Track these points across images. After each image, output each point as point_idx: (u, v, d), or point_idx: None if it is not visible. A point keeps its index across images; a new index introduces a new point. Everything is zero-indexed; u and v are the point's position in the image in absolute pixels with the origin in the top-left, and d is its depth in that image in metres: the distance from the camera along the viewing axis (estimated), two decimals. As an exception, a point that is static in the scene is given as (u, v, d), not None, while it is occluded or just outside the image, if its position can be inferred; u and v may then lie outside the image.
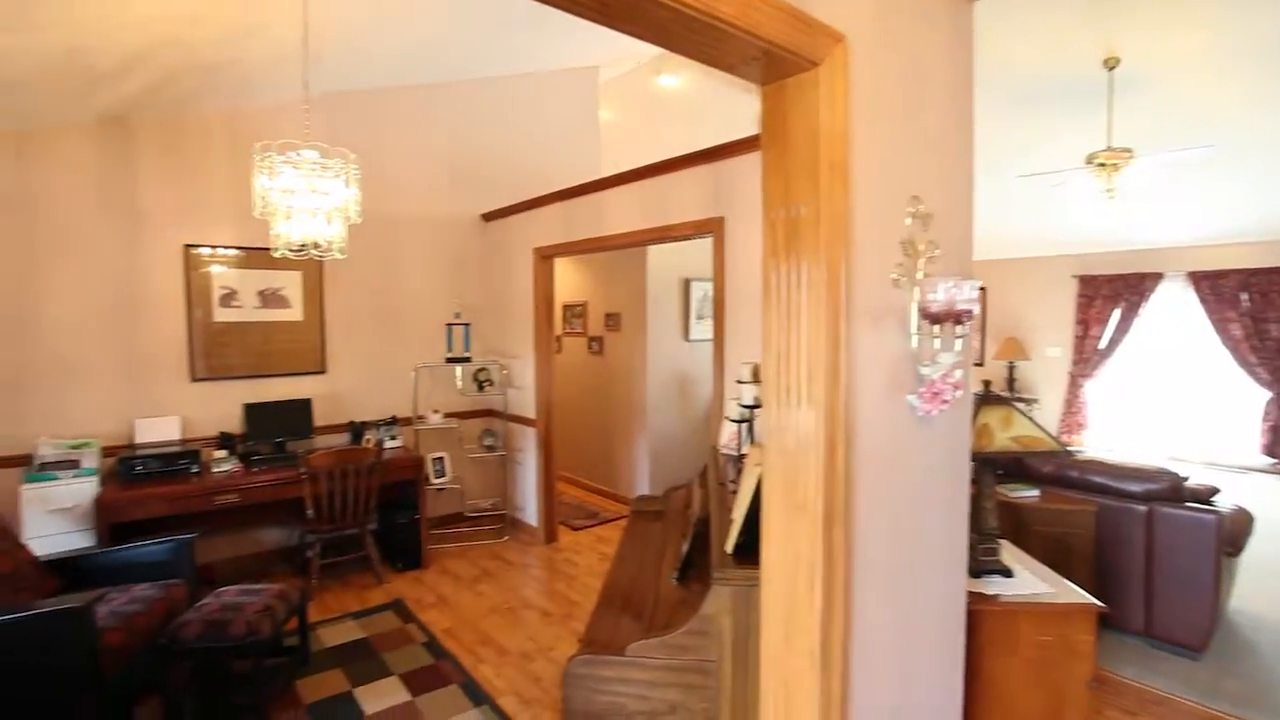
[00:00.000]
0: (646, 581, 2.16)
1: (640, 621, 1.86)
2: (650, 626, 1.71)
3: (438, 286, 5.10)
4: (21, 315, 3.71)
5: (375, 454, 4.02)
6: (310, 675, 3.13)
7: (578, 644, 3.32)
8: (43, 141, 3.73)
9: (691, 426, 5.89)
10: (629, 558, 2.43)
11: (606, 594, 2.10)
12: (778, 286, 1.30)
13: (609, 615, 1.96)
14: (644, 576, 2.22)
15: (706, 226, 3.44)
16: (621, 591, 2.12)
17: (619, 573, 2.28)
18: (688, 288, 5.78)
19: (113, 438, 3.95)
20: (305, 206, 2.69)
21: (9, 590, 2.82)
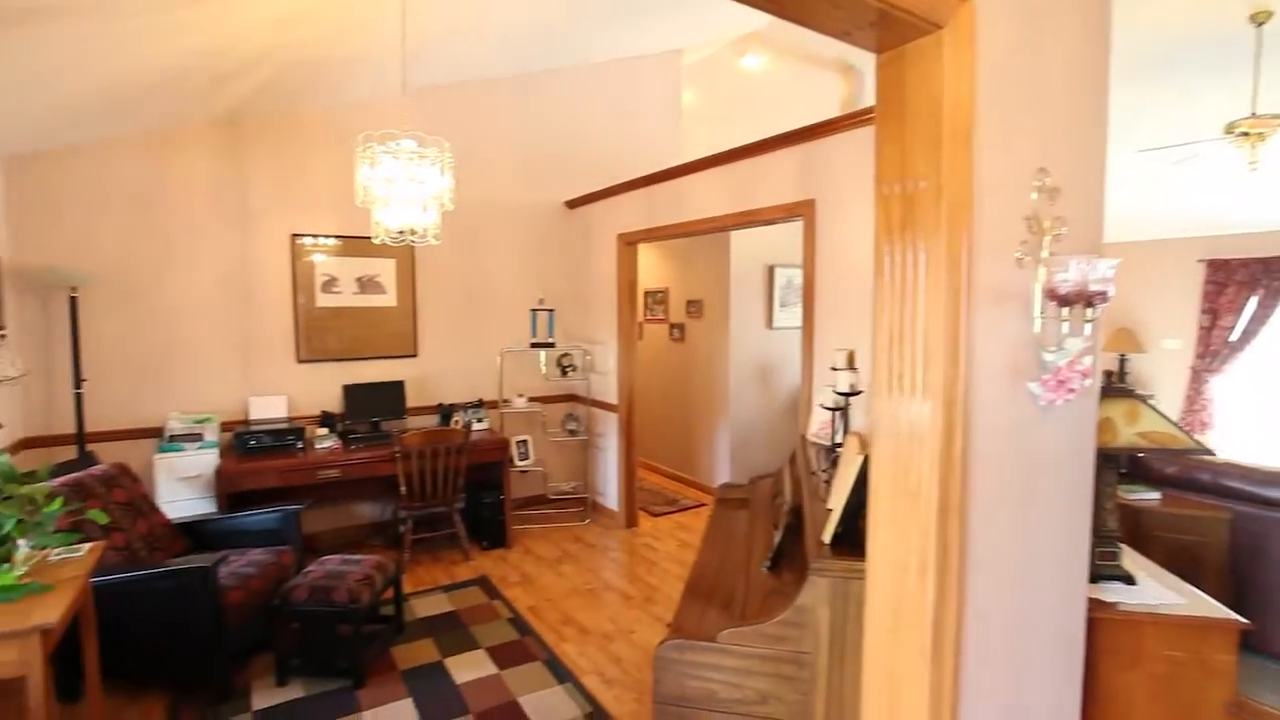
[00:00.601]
0: (735, 569, 2.13)
1: (730, 609, 1.84)
2: (742, 615, 1.69)
3: (522, 273, 5.20)
4: (157, 301, 4.05)
5: (464, 435, 4.16)
6: (404, 643, 3.29)
7: (666, 628, 3.34)
8: (171, 141, 4.04)
9: (774, 415, 5.79)
10: (715, 545, 2.41)
11: (694, 580, 2.09)
12: (891, 266, 1.23)
13: (698, 601, 1.95)
14: (732, 564, 2.19)
15: (796, 210, 3.34)
16: (709, 578, 2.10)
17: (706, 559, 2.26)
18: (771, 274, 5.66)
19: (229, 414, 4.26)
20: (403, 195, 2.79)
21: (147, 548, 3.10)
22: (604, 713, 2.73)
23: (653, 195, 4.49)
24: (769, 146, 3.51)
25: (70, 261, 3.79)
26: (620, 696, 2.86)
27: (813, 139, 3.26)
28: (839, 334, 3.11)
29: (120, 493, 3.16)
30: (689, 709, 1.64)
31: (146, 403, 4.05)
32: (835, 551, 1.58)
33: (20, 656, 1.84)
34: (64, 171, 3.80)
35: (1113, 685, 1.68)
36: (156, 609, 2.73)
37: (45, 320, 3.80)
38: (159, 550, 3.16)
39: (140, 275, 4.01)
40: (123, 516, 3.07)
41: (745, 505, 2.92)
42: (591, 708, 2.77)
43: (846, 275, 3.10)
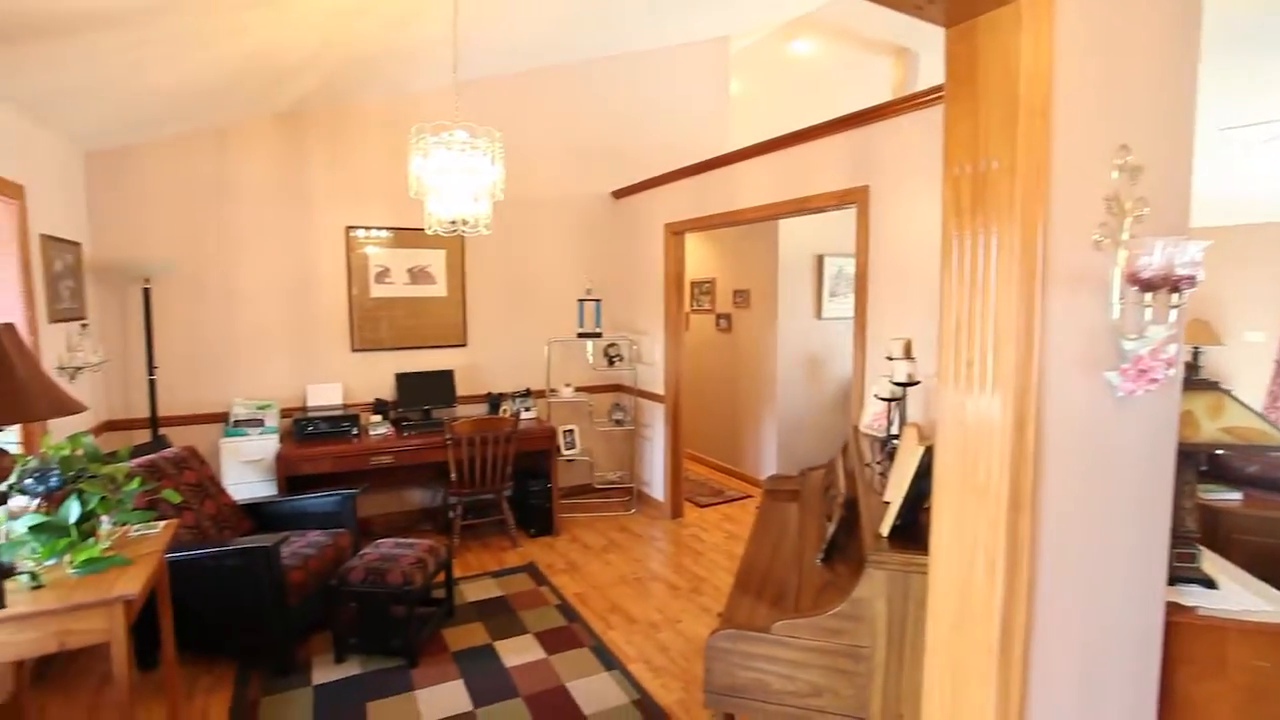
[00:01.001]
0: (787, 561, 2.10)
1: (783, 601, 1.81)
2: (796, 607, 1.66)
3: (569, 263, 5.23)
4: (221, 292, 4.22)
5: (513, 423, 4.21)
6: (455, 626, 3.36)
7: (713, 619, 3.33)
8: (235, 137, 4.19)
9: (822, 407, 5.70)
10: (766, 537, 2.39)
11: (745, 571, 2.07)
12: (960, 250, 1.18)
13: (749, 592, 1.93)
14: (783, 556, 2.16)
15: (849, 197, 3.26)
16: (760, 570, 2.08)
17: (756, 551, 2.24)
18: (820, 264, 5.55)
19: (288, 400, 4.41)
20: (455, 185, 2.82)
21: (215, 527, 3.24)
22: (651, 700, 2.74)
23: (700, 184, 4.45)
24: (821, 132, 3.43)
25: (143, 254, 3.98)
26: (667, 685, 2.87)
27: (867, 123, 3.17)
28: (893, 323, 3.03)
29: (190, 474, 3.31)
30: (740, 699, 1.62)
31: (212, 389, 4.23)
32: (893, 544, 1.54)
33: (105, 624, 1.95)
34: (137, 168, 3.98)
35: (1191, 694, 1.59)
36: (224, 584, 2.85)
37: (122, 311, 4.00)
38: (226, 529, 3.31)
39: (206, 267, 4.18)
40: (193, 497, 3.22)
41: (795, 497, 2.88)
42: (639, 695, 2.78)
43: (901, 263, 3.01)
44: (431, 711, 2.68)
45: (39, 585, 1.97)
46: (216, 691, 2.82)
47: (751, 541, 2.35)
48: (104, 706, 2.71)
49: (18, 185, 2.93)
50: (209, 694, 2.81)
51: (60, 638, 1.91)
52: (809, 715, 1.57)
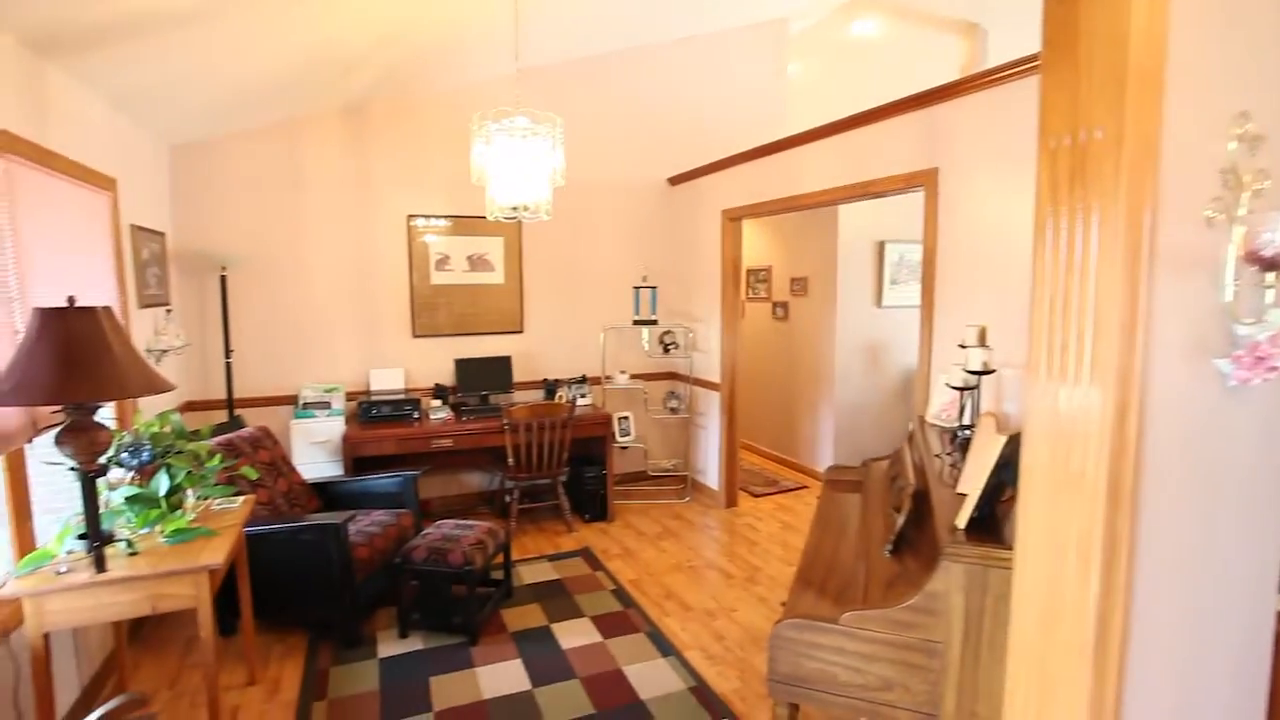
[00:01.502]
0: (851, 552, 2.05)
1: (849, 592, 1.77)
2: (864, 599, 1.62)
3: (625, 251, 5.23)
4: (291, 279, 4.38)
5: (569, 409, 4.25)
6: (513, 607, 3.42)
7: (769, 609, 3.30)
8: (304, 129, 4.33)
9: (882, 397, 5.55)
10: (828, 527, 2.34)
11: (808, 561, 2.03)
12: (1055, 228, 1.11)
13: (813, 582, 1.89)
14: (847, 546, 2.12)
15: (916, 180, 3.15)
16: (824, 560, 2.04)
17: (819, 541, 2.20)
18: (882, 250, 5.39)
19: (353, 384, 4.56)
20: (517, 171, 2.84)
21: (287, 504, 3.38)
22: (708, 688, 2.73)
23: (759, 169, 4.37)
24: (887, 113, 3.32)
25: (220, 244, 4.16)
26: (724, 673, 2.85)
27: (937, 103, 3.04)
28: (963, 310, 2.91)
29: (264, 453, 3.46)
30: (806, 689, 1.60)
31: (283, 373, 4.41)
32: (970, 537, 1.48)
33: (192, 591, 2.06)
34: (215, 161, 4.16)
35: (1298, 705, 1.48)
36: (296, 558, 2.98)
37: (200, 297, 4.19)
38: (296, 506, 3.44)
39: (278, 256, 4.34)
40: (267, 474, 3.36)
41: (858, 488, 2.82)
42: (695, 682, 2.78)
43: (972, 248, 2.89)
44: (491, 689, 2.74)
45: (134, 552, 2.09)
46: (289, 660, 2.95)
47: (814, 531, 2.31)
48: (190, 667, 2.88)
49: (110, 178, 3.09)
50: (282, 661, 2.94)
51: (153, 601, 2.03)
52: (878, 710, 1.53)
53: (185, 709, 2.60)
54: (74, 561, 2.01)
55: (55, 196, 2.52)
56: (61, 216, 2.56)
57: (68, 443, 1.94)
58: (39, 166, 2.38)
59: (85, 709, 2.51)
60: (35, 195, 2.36)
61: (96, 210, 2.93)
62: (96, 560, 1.98)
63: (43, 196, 2.42)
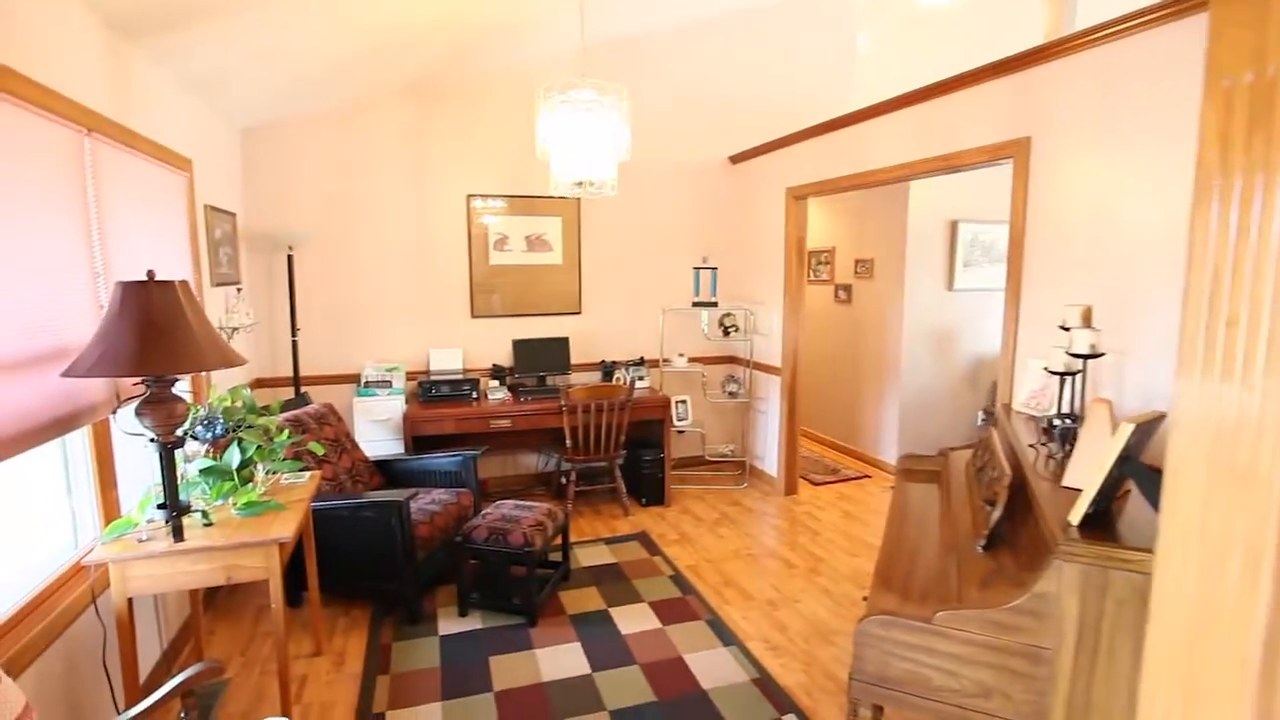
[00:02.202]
0: (935, 546, 1.93)
1: (937, 589, 1.65)
2: (959, 597, 1.50)
3: (685, 231, 5.11)
4: (354, 259, 4.44)
5: (628, 391, 4.19)
6: (571, 589, 3.40)
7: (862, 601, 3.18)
8: (366, 110, 4.35)
9: (950, 385, 5.31)
10: (908, 519, 2.21)
11: (888, 554, 1.92)
12: (1224, 185, 0.96)
13: (895, 577, 1.78)
14: (929, 540, 1.99)
15: (1003, 151, 2.93)
16: (906, 553, 1.92)
17: (899, 533, 2.07)
18: (954, 230, 5.13)
19: (413, 364, 4.60)
20: (582, 145, 2.77)
21: (350, 480, 3.42)
22: (772, 681, 2.65)
23: (827, 145, 4.19)
24: (972, 80, 3.10)
25: (287, 224, 4.23)
26: (788, 665, 2.76)
27: (1030, 66, 2.82)
28: (1054, 291, 2.71)
29: (329, 430, 3.51)
30: (893, 691, 1.49)
31: (345, 352, 4.48)
32: (1087, 534, 1.34)
33: (264, 562, 2.08)
34: (283, 143, 4.22)
35: None
36: (360, 534, 3.01)
37: (269, 276, 4.28)
38: (359, 483, 3.49)
39: (341, 236, 4.40)
40: (331, 451, 3.41)
41: (934, 478, 2.66)
42: (758, 674, 2.69)
43: (1069, 222, 2.67)
44: (551, 671, 2.71)
45: (209, 523, 2.13)
46: (353, 632, 3.00)
47: (892, 523, 2.19)
48: (261, 635, 2.95)
49: (187, 159, 3.15)
50: (346, 634, 2.99)
51: (227, 571, 2.06)
52: (972, 717, 1.41)
53: (256, 676, 2.66)
54: (154, 530, 2.05)
55: (136, 175, 2.57)
56: (142, 195, 2.61)
57: (147, 414, 1.97)
58: (121, 145, 2.43)
59: (165, 671, 2.60)
60: (118, 174, 2.41)
61: (174, 190, 2.99)
62: (174, 530, 2.01)
63: (124, 175, 2.47)
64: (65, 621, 1.93)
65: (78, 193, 2.14)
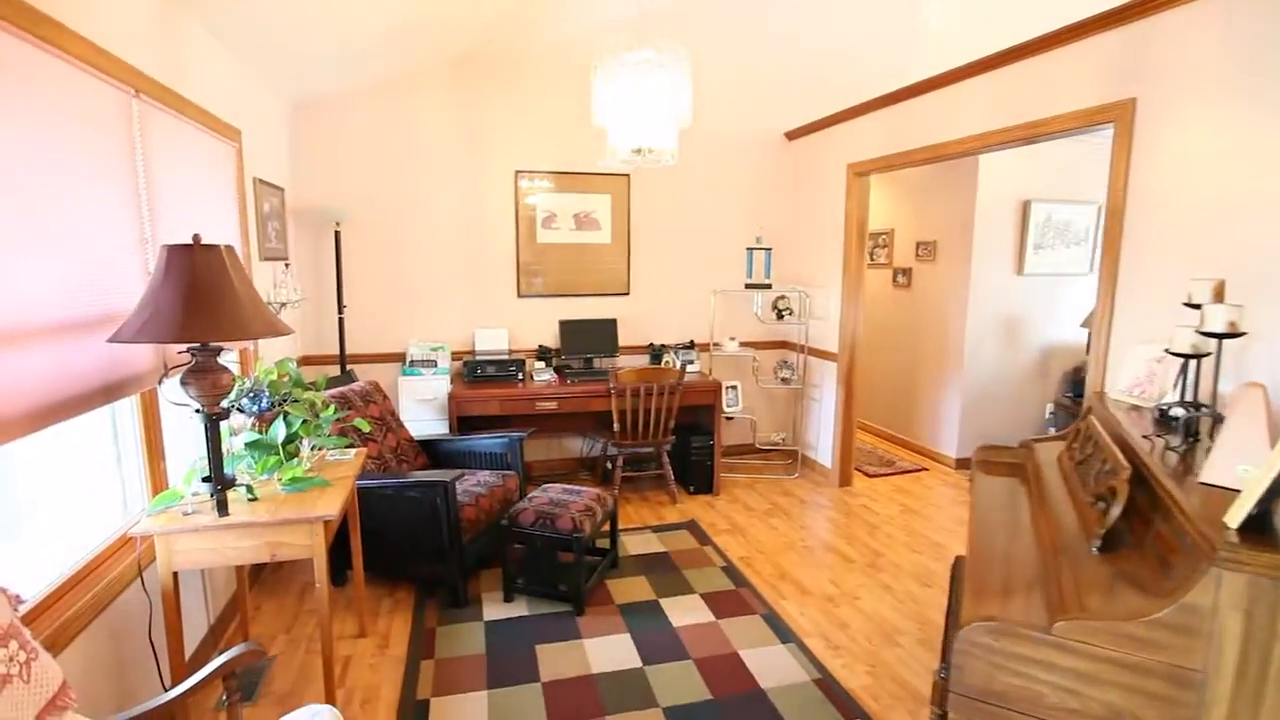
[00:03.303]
0: (1032, 546, 1.73)
1: (1045, 595, 1.46)
2: (1081, 605, 1.31)
3: (738, 210, 4.91)
4: (400, 236, 4.36)
5: (679, 375, 4.03)
6: (619, 577, 3.27)
7: (896, 599, 2.96)
8: (416, 85, 4.25)
9: (1018, 374, 5.01)
10: (992, 514, 2.00)
11: (980, 555, 1.72)
12: None
13: (992, 580, 1.59)
14: (1024, 540, 1.79)
15: (1104, 115, 2.66)
16: (999, 554, 1.72)
17: (987, 531, 1.87)
18: (1026, 211, 4.81)
19: (458, 343, 4.53)
20: (640, 110, 2.60)
21: (395, 459, 3.35)
22: (835, 682, 2.47)
23: (894, 117, 3.93)
24: (1064, 38, 2.83)
25: (335, 200, 4.18)
26: (850, 666, 2.58)
27: (1137, 18, 2.54)
28: (1161, 269, 2.45)
29: (375, 408, 3.45)
30: (1001, 709, 1.31)
31: (391, 330, 4.42)
32: (1249, 539, 1.14)
33: (308, 540, 1.99)
34: (331, 118, 4.16)
35: None
36: (405, 514, 2.93)
37: (316, 253, 4.24)
38: (404, 462, 3.42)
39: (388, 212, 4.33)
40: (376, 429, 3.35)
41: (1015, 471, 2.44)
42: (819, 674, 2.52)
43: (1182, 193, 2.40)
44: (600, 662, 2.59)
45: (254, 498, 2.05)
46: (397, 614, 2.93)
47: (977, 519, 1.98)
48: (306, 613, 2.90)
49: (236, 129, 3.09)
50: (391, 615, 2.92)
51: (271, 548, 1.98)
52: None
53: (301, 655, 2.61)
54: (199, 504, 1.98)
55: (185, 142, 2.51)
56: (190, 162, 2.55)
57: (192, 383, 1.89)
58: (170, 110, 2.36)
59: (213, 646, 2.56)
60: (166, 139, 2.34)
61: (223, 159, 2.94)
62: (219, 504, 1.94)
63: (173, 141, 2.40)
64: (112, 594, 1.88)
65: (125, 155, 2.07)
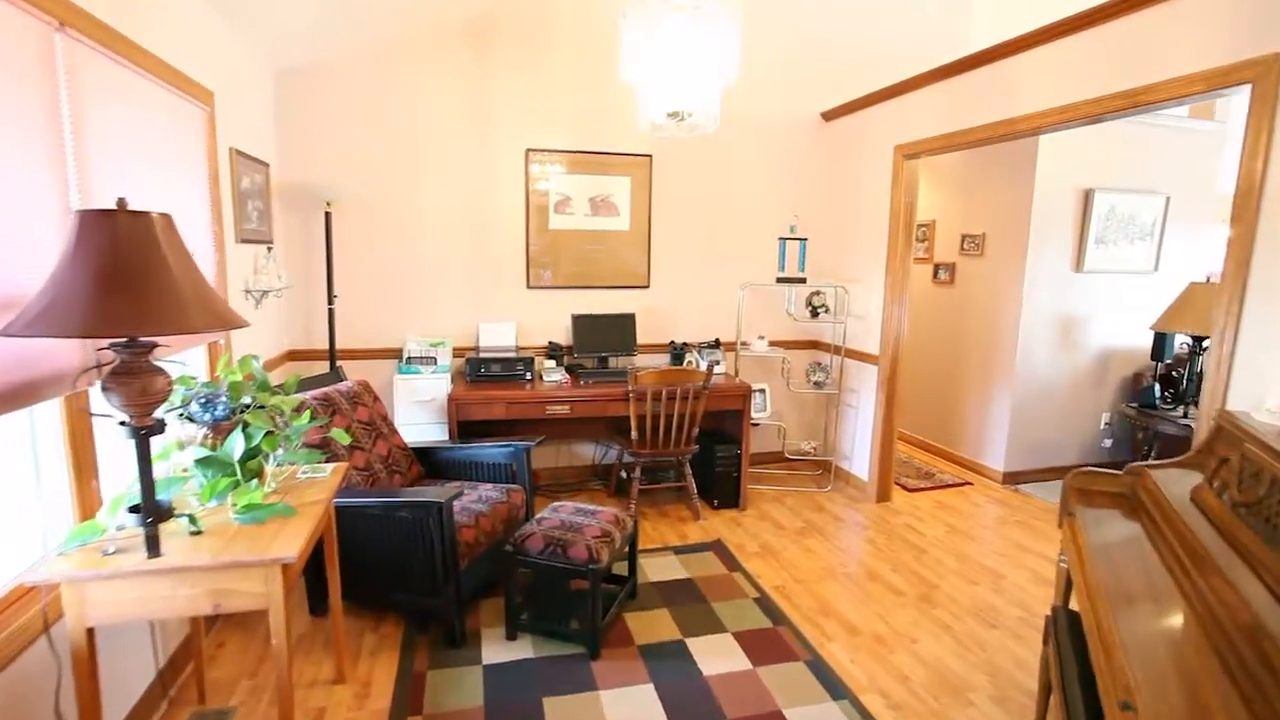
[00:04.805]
0: (1202, 640, 1.30)
1: (1251, 684, 1.05)
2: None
3: (769, 196, 4.47)
4: (398, 219, 3.95)
5: (705, 378, 3.61)
6: (638, 611, 2.86)
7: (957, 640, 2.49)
8: (421, 52, 3.82)
9: (1074, 380, 4.58)
10: (1125, 577, 1.58)
11: (1117, 641, 1.30)
12: None
13: (1171, 672, 1.17)
14: (1188, 628, 1.36)
15: (1233, 76, 2.22)
16: (1149, 642, 1.30)
17: (1123, 602, 1.45)
18: (1087, 201, 4.36)
19: (460, 339, 4.12)
20: (679, 65, 2.17)
21: (386, 471, 2.94)
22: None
23: (953, 91, 3.49)
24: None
25: (326, 178, 3.77)
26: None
27: (1279, -41, 2.10)
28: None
29: (363, 411, 3.04)
30: None
31: (387, 323, 4.02)
32: None
33: (262, 588, 1.59)
34: (324, 87, 3.74)
35: None
36: (393, 537, 2.53)
37: (305, 236, 3.84)
38: (396, 473, 3.02)
39: (385, 192, 3.91)
40: (364, 436, 2.94)
41: (1124, 504, 2.02)
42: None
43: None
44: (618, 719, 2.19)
45: (198, 532, 1.65)
46: (381, 654, 2.52)
47: (1100, 580, 1.56)
48: (272, 660, 2.50)
49: (208, 90, 2.69)
50: (374, 656, 2.52)
51: (214, 598, 1.57)
52: None
53: (263, 708, 2.21)
54: (126, 540, 1.58)
55: (136, 98, 2.10)
56: (144, 123, 2.14)
57: (115, 389, 1.48)
58: (110, 52, 1.95)
59: (161, 694, 2.16)
60: (106, 88, 1.93)
61: (189, 123, 2.53)
62: (149, 541, 1.53)
63: (116, 91, 1.99)
64: (8, 656, 1.48)
65: (44, 103, 1.66)
